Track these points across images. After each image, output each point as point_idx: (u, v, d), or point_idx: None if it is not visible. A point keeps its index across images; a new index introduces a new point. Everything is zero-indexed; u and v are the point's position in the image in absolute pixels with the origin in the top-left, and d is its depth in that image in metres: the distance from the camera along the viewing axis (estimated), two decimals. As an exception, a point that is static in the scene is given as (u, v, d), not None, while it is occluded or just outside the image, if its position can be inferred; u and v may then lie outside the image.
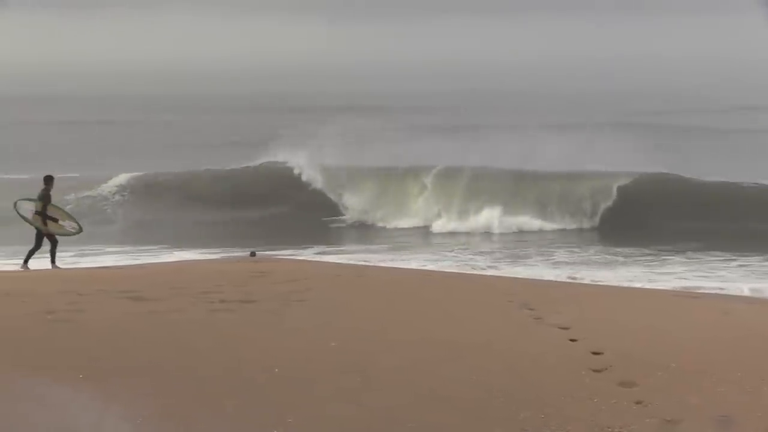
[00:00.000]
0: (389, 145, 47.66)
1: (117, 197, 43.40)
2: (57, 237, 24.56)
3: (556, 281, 24.64)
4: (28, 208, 24.49)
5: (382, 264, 28.15)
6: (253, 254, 26.58)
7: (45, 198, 24.36)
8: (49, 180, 24.63)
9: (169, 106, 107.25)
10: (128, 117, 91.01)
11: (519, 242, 37.18)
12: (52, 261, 24.15)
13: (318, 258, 30.10)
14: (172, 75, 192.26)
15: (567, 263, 30.99)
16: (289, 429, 11.03)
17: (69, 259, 28.26)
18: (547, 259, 31.78)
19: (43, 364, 12.91)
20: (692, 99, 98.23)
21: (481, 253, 33.31)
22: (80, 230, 25.37)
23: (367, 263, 28.24)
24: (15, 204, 24.87)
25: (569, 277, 27.06)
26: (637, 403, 11.75)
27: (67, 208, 30.17)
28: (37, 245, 24.32)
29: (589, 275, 27.53)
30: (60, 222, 24.66)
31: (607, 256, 32.26)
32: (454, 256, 32.88)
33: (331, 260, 29.13)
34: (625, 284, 24.87)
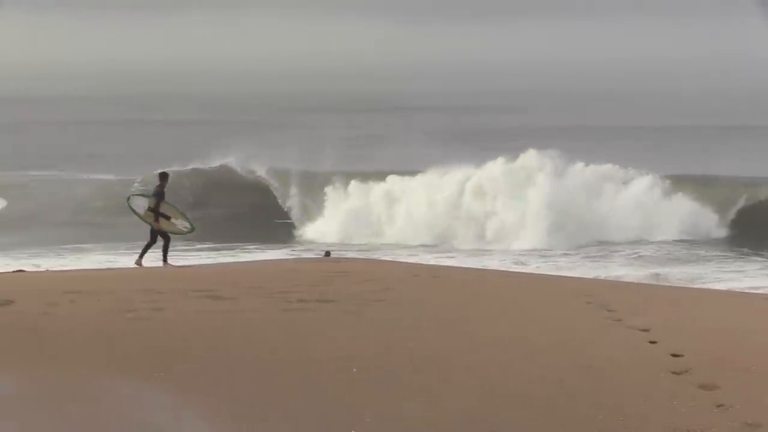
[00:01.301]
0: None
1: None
2: (170, 235, 24.34)
3: (637, 283, 24.43)
4: (141, 204, 24.19)
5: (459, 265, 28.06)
6: (328, 254, 26.63)
7: (159, 195, 24.09)
8: (164, 177, 24.39)
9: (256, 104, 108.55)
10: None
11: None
12: (164, 259, 23.99)
13: (396, 259, 30.14)
14: (251, 74, 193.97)
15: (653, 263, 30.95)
16: (367, 429, 11.02)
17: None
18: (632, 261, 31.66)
19: (123, 362, 13.04)
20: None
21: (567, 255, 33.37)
22: (192, 229, 25.01)
23: (442, 264, 28.18)
24: (128, 198, 24.66)
25: (654, 279, 26.86)
26: (718, 406, 11.57)
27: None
28: (152, 240, 24.09)
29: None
30: (172, 220, 24.33)
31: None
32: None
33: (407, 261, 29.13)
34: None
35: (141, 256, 24.14)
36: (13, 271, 23.64)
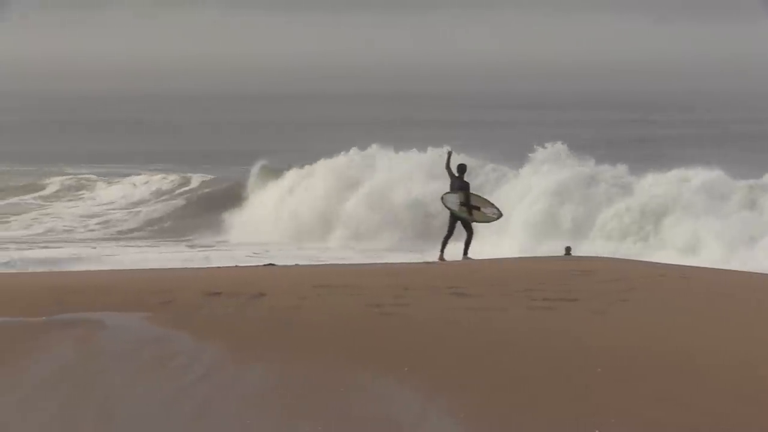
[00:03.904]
0: None
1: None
2: (474, 227, 24.38)
3: None
4: (453, 201, 24.06)
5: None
6: (568, 252, 26.37)
7: (465, 187, 24.04)
8: (462, 169, 24.25)
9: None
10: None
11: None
12: (465, 252, 24.16)
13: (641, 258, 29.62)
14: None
15: None
16: (611, 430, 10.90)
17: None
18: None
19: (370, 355, 13.29)
20: None
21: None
22: (500, 215, 24.82)
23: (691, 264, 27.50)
24: (442, 198, 24.78)
25: None
26: None
27: None
28: (450, 232, 24.07)
29: None
30: (482, 209, 24.29)
31: None
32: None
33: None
34: None
35: (465, 251, 24.10)
36: (264, 265, 24.36)
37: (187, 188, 57.21)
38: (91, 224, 52.42)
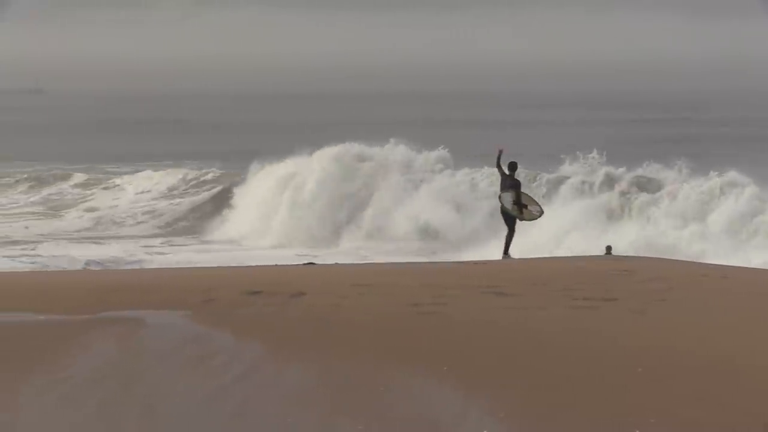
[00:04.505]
0: None
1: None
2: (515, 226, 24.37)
3: None
4: (508, 199, 24.13)
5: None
6: (609, 251, 26.27)
7: (517, 186, 24.08)
8: (514, 167, 24.28)
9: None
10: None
11: None
12: (506, 250, 24.24)
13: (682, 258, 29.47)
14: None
15: None
16: (650, 430, 10.89)
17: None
18: None
19: (409, 355, 13.33)
20: None
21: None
22: (542, 213, 24.91)
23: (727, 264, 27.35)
24: (499, 197, 24.76)
25: None
26: None
27: None
28: (513, 231, 24.17)
29: None
30: (529, 207, 24.35)
31: None
32: None
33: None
34: None
35: (505, 250, 24.14)
36: (304, 264, 24.45)
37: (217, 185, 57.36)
38: (139, 217, 53.08)
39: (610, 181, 46.26)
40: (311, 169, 50.65)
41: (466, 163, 50.82)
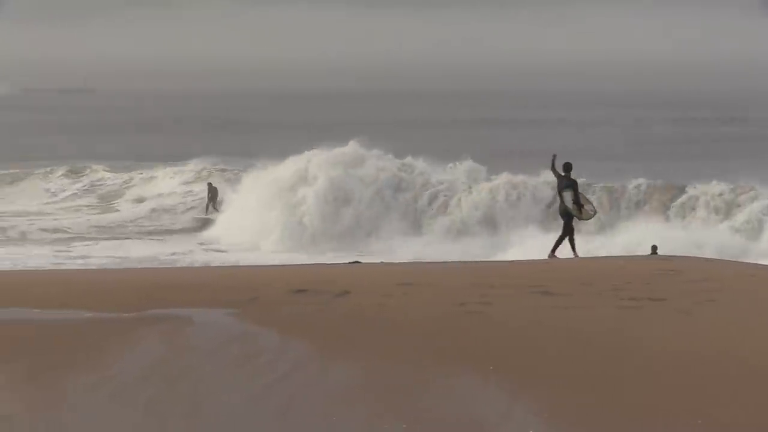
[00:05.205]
0: None
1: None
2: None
3: None
4: (569, 199, 24.18)
5: None
6: (654, 251, 26.14)
7: (573, 185, 24.16)
8: (569, 167, 24.28)
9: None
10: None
11: None
12: (554, 247, 24.24)
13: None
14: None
15: None
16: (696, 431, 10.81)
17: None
18: None
19: (454, 354, 13.31)
20: None
21: None
22: (596, 213, 25.24)
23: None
24: (560, 196, 24.78)
25: None
26: None
27: None
28: (571, 231, 24.20)
29: None
30: (585, 207, 24.48)
31: None
32: None
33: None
34: None
35: (573, 248, 24.17)
36: (349, 263, 24.49)
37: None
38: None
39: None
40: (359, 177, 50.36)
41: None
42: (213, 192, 52.55)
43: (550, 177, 29.94)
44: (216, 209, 51.88)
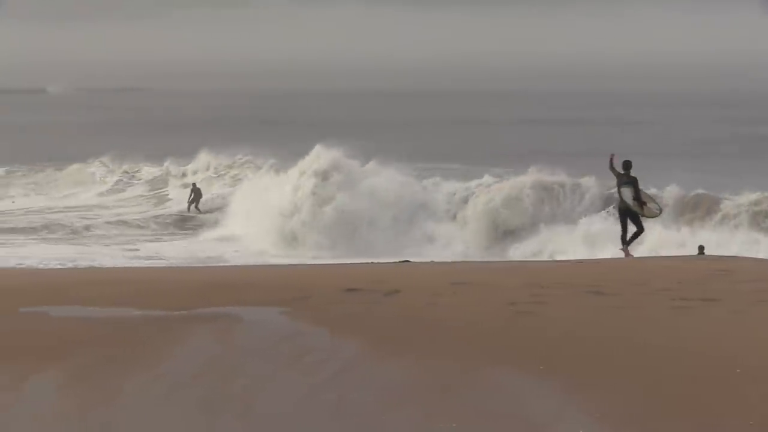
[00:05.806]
0: None
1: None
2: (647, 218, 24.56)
3: None
4: (628, 195, 24.29)
5: None
6: (701, 251, 25.97)
7: (633, 182, 24.21)
8: (628, 165, 24.39)
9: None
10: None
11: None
12: (628, 243, 24.21)
13: None
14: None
15: None
16: (751, 433, 10.73)
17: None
18: None
19: (505, 353, 13.28)
20: None
21: None
22: (661, 211, 25.30)
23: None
24: (619, 192, 24.81)
25: None
26: None
27: None
28: (641, 227, 24.38)
29: None
30: (648, 204, 24.57)
31: None
32: None
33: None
34: None
35: (628, 243, 24.21)
36: (400, 262, 24.52)
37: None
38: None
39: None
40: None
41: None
42: (197, 193, 55.39)
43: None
44: (198, 209, 54.77)
